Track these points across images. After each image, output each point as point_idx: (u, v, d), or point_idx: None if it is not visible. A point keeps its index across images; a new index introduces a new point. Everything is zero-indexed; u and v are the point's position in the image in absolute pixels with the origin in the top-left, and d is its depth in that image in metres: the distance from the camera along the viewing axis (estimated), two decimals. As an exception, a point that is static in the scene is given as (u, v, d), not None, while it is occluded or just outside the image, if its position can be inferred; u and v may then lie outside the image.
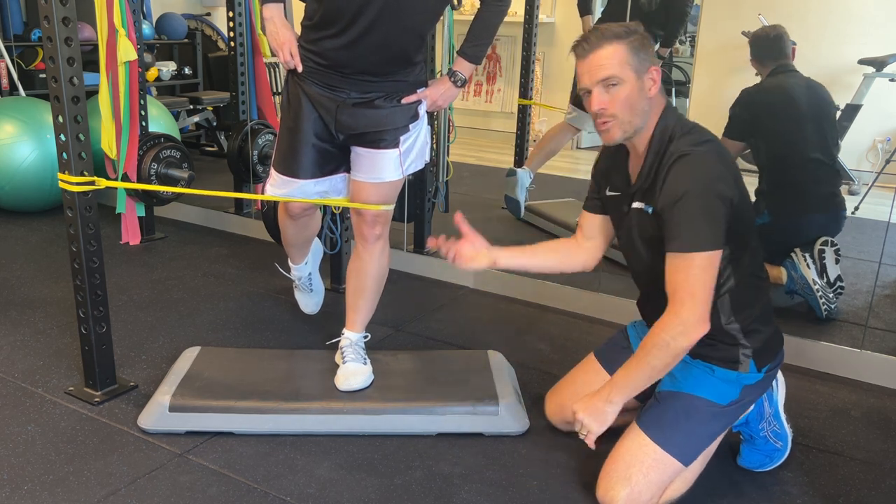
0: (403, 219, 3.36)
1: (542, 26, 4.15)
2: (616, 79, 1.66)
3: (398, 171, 2.06)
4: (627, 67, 1.66)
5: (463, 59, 2.07)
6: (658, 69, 1.70)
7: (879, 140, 3.94)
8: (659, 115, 1.72)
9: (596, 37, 1.67)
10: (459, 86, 2.09)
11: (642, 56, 1.67)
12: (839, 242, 2.93)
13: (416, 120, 2.05)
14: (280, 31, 2.00)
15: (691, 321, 1.60)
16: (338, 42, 1.92)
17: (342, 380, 2.10)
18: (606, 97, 1.67)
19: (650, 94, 1.69)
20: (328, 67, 1.97)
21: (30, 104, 3.88)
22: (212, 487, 1.79)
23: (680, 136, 1.68)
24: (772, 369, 1.81)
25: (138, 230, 3.53)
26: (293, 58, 1.99)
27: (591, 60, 1.67)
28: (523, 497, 1.79)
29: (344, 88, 1.98)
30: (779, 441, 1.90)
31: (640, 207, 1.75)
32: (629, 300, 2.81)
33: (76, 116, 1.95)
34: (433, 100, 2.07)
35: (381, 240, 2.14)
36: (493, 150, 5.81)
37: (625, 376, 1.69)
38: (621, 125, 1.70)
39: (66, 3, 1.89)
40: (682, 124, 1.71)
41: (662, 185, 1.66)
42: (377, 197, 2.08)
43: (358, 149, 2.05)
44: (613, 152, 1.87)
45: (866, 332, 2.64)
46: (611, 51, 1.66)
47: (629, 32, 1.67)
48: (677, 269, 1.62)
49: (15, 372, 2.30)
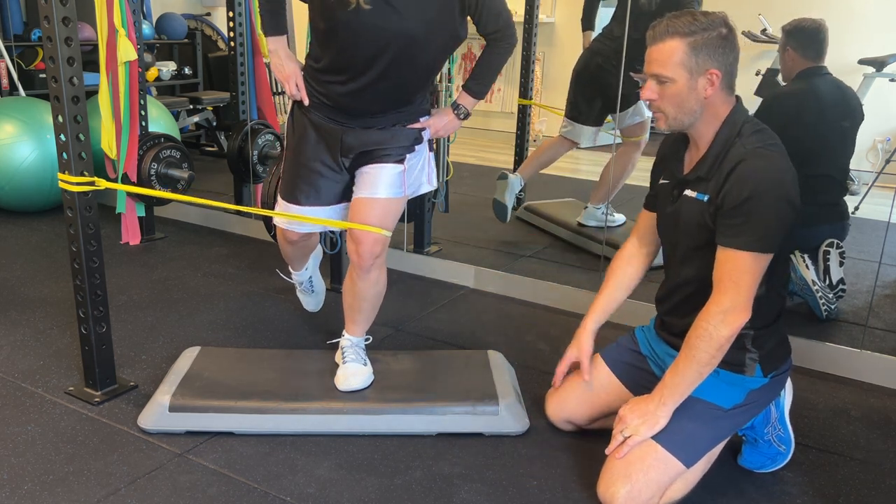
0: (403, 219, 3.36)
1: (542, 26, 4.15)
2: (666, 78, 1.66)
3: (400, 187, 2.04)
4: (681, 68, 1.65)
5: (467, 93, 2.10)
6: (718, 72, 1.65)
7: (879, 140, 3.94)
8: (728, 113, 1.71)
9: (663, 28, 1.66)
10: (462, 118, 2.12)
11: (703, 56, 1.64)
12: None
13: (420, 143, 2.07)
14: (285, 63, 2.02)
15: (733, 308, 1.62)
16: (345, 88, 1.95)
17: (342, 380, 2.10)
18: (656, 90, 1.69)
19: (705, 94, 1.67)
20: (333, 108, 2.00)
21: (30, 104, 3.88)
22: (212, 487, 1.79)
23: (750, 134, 1.68)
24: (778, 375, 1.81)
25: (138, 230, 3.54)
26: (299, 90, 2.01)
27: (652, 52, 1.68)
28: (523, 497, 1.79)
29: (348, 122, 2.01)
30: (782, 445, 1.89)
31: (693, 196, 1.74)
32: (629, 300, 2.81)
33: (76, 116, 1.95)
34: (436, 129, 2.11)
35: (374, 269, 2.07)
36: (493, 150, 5.81)
37: (673, 376, 1.69)
38: (667, 119, 1.72)
39: (66, 3, 1.89)
40: (753, 124, 1.71)
41: (727, 179, 1.65)
42: (376, 213, 2.02)
43: (362, 168, 2.05)
44: (674, 141, 1.87)
45: (866, 332, 2.64)
46: (670, 48, 1.64)
47: (696, 30, 1.63)
48: (729, 262, 1.63)
49: (15, 372, 2.30)
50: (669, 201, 1.83)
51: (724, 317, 1.62)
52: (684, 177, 1.78)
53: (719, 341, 1.63)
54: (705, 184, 1.71)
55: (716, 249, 1.67)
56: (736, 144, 1.67)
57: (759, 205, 1.60)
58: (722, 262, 1.65)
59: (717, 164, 1.69)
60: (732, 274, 1.63)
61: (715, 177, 1.69)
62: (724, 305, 1.63)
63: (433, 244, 3.46)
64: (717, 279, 1.66)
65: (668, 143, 1.91)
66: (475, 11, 1.91)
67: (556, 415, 2.04)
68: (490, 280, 3.12)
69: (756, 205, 1.60)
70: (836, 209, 2.95)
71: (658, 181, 1.90)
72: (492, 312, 2.91)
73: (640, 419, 1.70)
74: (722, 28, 1.65)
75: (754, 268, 1.63)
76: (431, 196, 3.37)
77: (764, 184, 1.61)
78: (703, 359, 1.65)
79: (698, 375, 1.67)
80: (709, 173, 1.71)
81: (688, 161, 1.81)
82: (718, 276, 1.66)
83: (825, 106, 2.86)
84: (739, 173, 1.63)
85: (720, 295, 1.64)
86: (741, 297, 1.62)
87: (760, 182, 1.61)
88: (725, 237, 1.65)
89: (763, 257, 1.63)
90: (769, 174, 1.62)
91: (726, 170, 1.66)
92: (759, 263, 1.63)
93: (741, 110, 1.73)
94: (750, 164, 1.63)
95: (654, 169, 1.96)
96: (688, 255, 1.79)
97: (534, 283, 3.02)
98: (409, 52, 1.89)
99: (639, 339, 2.02)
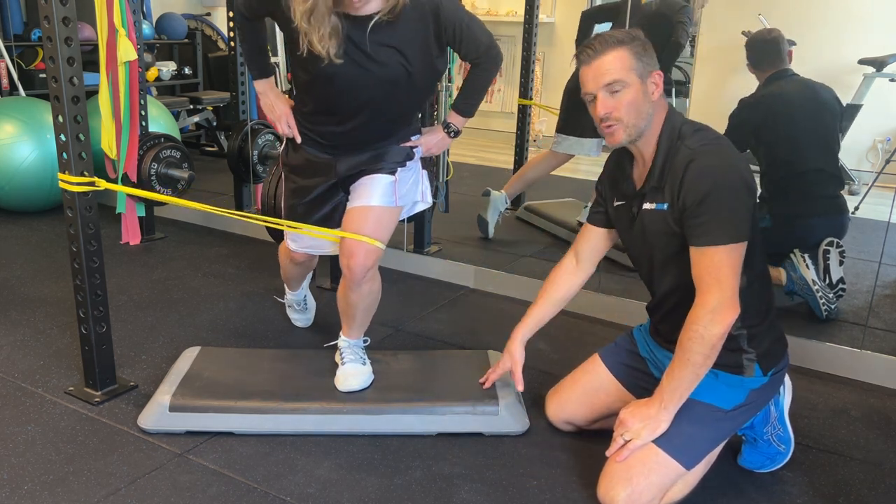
0: (403, 219, 3.35)
1: (542, 26, 4.15)
2: (620, 83, 1.68)
3: (391, 196, 2.05)
4: (632, 72, 1.69)
5: (457, 113, 2.13)
6: (661, 73, 1.73)
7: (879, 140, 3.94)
8: (664, 118, 1.75)
9: (600, 43, 1.71)
10: (452, 136, 2.17)
11: (645, 60, 1.70)
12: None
13: (411, 159, 2.10)
14: (275, 104, 2.06)
15: (720, 306, 1.62)
16: (336, 129, 1.99)
17: (342, 380, 2.10)
18: (611, 101, 1.70)
19: (653, 97, 1.72)
20: (326, 144, 2.04)
21: (30, 104, 3.88)
22: (212, 487, 1.79)
23: (691, 134, 1.70)
24: (777, 372, 1.81)
25: (138, 230, 3.54)
26: (291, 129, 2.05)
27: (596, 66, 1.70)
28: (523, 497, 1.79)
29: (341, 152, 2.05)
30: (782, 445, 1.89)
31: (652, 207, 1.75)
32: (629, 300, 2.82)
33: (76, 116, 1.95)
34: (428, 147, 2.15)
35: (367, 282, 2.05)
36: (493, 150, 5.82)
37: (670, 380, 1.70)
38: (626, 128, 1.72)
39: (66, 3, 1.89)
40: (690, 124, 1.74)
41: (682, 182, 1.66)
42: (370, 222, 2.01)
43: (355, 183, 2.08)
44: (616, 163, 1.89)
45: (866, 332, 2.64)
46: (615, 56, 1.69)
47: (632, 38, 1.71)
48: (705, 260, 1.64)
49: (15, 372, 2.30)
50: (630, 220, 1.84)
51: (713, 316, 1.62)
52: (638, 191, 1.79)
53: (711, 341, 1.63)
54: (661, 192, 1.73)
55: (689, 254, 1.68)
56: (680, 148, 1.70)
57: (719, 197, 1.62)
58: (698, 262, 1.66)
59: (666, 169, 1.71)
60: (711, 271, 1.63)
61: (668, 183, 1.70)
62: (711, 304, 1.63)
63: (433, 244, 3.46)
64: (697, 280, 1.66)
65: (611, 164, 1.93)
66: (456, 43, 1.94)
67: (556, 415, 2.04)
68: (490, 280, 3.12)
69: (716, 198, 1.62)
70: (833, 202, 2.96)
71: (610, 203, 1.91)
72: (492, 312, 2.91)
73: (641, 423, 1.70)
74: (643, 36, 1.73)
75: (731, 260, 1.63)
76: (432, 196, 3.37)
77: (719, 177, 1.63)
78: (697, 360, 1.65)
79: (695, 377, 1.67)
80: (660, 181, 1.72)
81: (636, 177, 1.82)
82: (698, 276, 1.66)
83: (795, 105, 2.94)
84: (692, 173, 1.65)
85: (705, 294, 1.64)
86: (726, 293, 1.62)
87: (715, 176, 1.63)
88: (696, 237, 1.66)
89: (737, 247, 1.64)
90: (721, 166, 1.65)
91: (679, 173, 1.68)
92: (734, 254, 1.63)
93: (674, 113, 1.77)
94: (700, 162, 1.65)
95: (599, 185, 1.97)
96: (664, 266, 1.80)
97: (533, 283, 3.01)
98: (393, 94, 1.93)
99: (637, 340, 2.02)
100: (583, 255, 2.01)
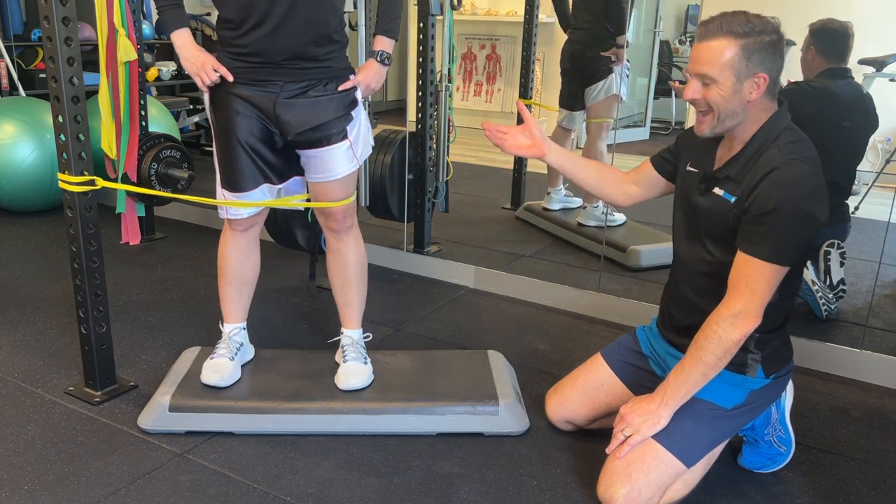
0: (403, 219, 3.36)
1: (542, 26, 4.15)
2: (710, 79, 1.63)
3: (352, 161, 2.07)
4: (727, 70, 1.61)
5: (383, 36, 2.10)
6: (766, 77, 1.62)
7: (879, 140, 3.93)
8: (767, 118, 1.68)
9: (717, 25, 1.62)
10: (387, 64, 2.11)
11: (754, 60, 1.61)
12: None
13: (354, 106, 2.06)
14: (195, 54, 1.98)
15: (744, 313, 1.62)
16: (262, 32, 1.92)
17: (342, 379, 2.10)
18: (700, 91, 1.66)
19: (749, 97, 1.64)
20: (257, 62, 1.95)
21: (30, 104, 3.88)
22: (212, 487, 1.79)
23: (787, 143, 1.65)
24: (780, 376, 1.81)
25: (138, 230, 3.53)
26: (219, 69, 1.96)
27: (700, 49, 1.64)
28: (523, 497, 1.79)
29: (276, 81, 1.96)
30: (783, 446, 1.89)
31: (720, 194, 1.72)
32: (629, 300, 2.82)
33: (76, 116, 1.95)
34: (366, 83, 2.08)
35: (352, 229, 2.18)
36: (493, 150, 5.78)
37: (677, 376, 1.69)
38: (711, 121, 1.68)
39: (66, 3, 1.89)
40: (792, 131, 1.68)
41: (757, 185, 1.63)
42: (339, 192, 2.09)
43: (307, 152, 2.04)
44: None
45: (866, 332, 2.64)
46: (720, 47, 1.60)
47: (750, 33, 1.60)
48: (747, 267, 1.63)
49: (15, 372, 2.30)
50: (694, 191, 1.81)
51: (735, 320, 1.62)
52: (714, 173, 1.76)
53: (727, 344, 1.63)
54: (735, 185, 1.69)
55: (728, 242, 1.67)
56: (771, 149, 1.65)
57: (783, 217, 1.59)
58: (741, 267, 1.64)
59: (749, 166, 1.67)
60: (750, 280, 1.62)
61: (746, 180, 1.66)
62: (736, 309, 1.62)
63: (433, 244, 3.46)
64: (733, 282, 1.65)
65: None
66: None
67: (557, 415, 2.04)
68: (490, 280, 3.12)
69: (781, 216, 1.59)
70: (837, 211, 2.94)
71: (684, 163, 1.87)
72: (492, 312, 2.91)
73: (641, 418, 1.70)
74: (774, 34, 1.63)
75: (771, 277, 1.62)
76: (431, 196, 3.37)
77: (792, 198, 1.59)
78: (709, 361, 1.65)
79: (703, 377, 1.67)
80: (740, 175, 1.68)
81: (719, 155, 1.78)
82: (735, 279, 1.65)
83: (843, 107, 2.81)
84: (770, 181, 1.61)
85: (734, 298, 1.63)
86: (754, 304, 1.62)
87: (789, 195, 1.59)
88: (746, 242, 1.64)
89: (780, 269, 1.62)
90: (798, 188, 1.59)
91: (758, 175, 1.63)
92: (776, 274, 1.62)
93: (783, 116, 1.70)
94: (782, 174, 1.60)
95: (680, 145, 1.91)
96: (701, 237, 1.78)
97: (533, 283, 3.02)
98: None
99: (640, 339, 2.02)
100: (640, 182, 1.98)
